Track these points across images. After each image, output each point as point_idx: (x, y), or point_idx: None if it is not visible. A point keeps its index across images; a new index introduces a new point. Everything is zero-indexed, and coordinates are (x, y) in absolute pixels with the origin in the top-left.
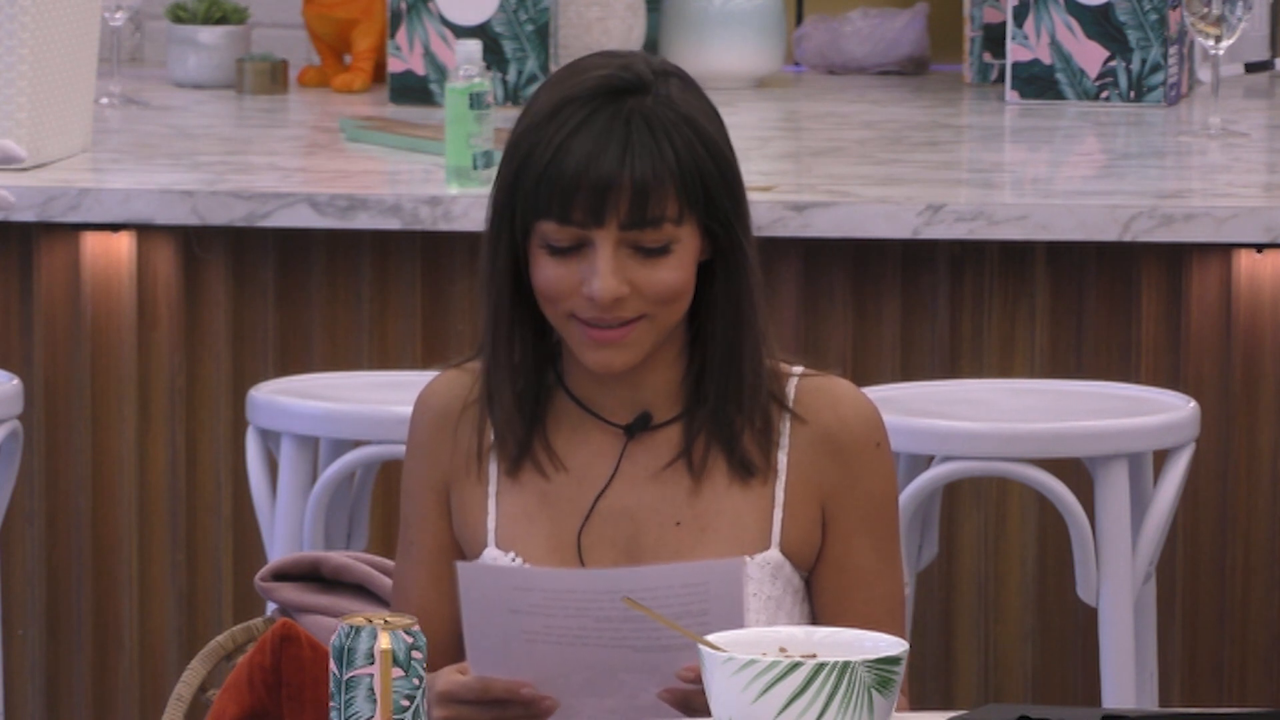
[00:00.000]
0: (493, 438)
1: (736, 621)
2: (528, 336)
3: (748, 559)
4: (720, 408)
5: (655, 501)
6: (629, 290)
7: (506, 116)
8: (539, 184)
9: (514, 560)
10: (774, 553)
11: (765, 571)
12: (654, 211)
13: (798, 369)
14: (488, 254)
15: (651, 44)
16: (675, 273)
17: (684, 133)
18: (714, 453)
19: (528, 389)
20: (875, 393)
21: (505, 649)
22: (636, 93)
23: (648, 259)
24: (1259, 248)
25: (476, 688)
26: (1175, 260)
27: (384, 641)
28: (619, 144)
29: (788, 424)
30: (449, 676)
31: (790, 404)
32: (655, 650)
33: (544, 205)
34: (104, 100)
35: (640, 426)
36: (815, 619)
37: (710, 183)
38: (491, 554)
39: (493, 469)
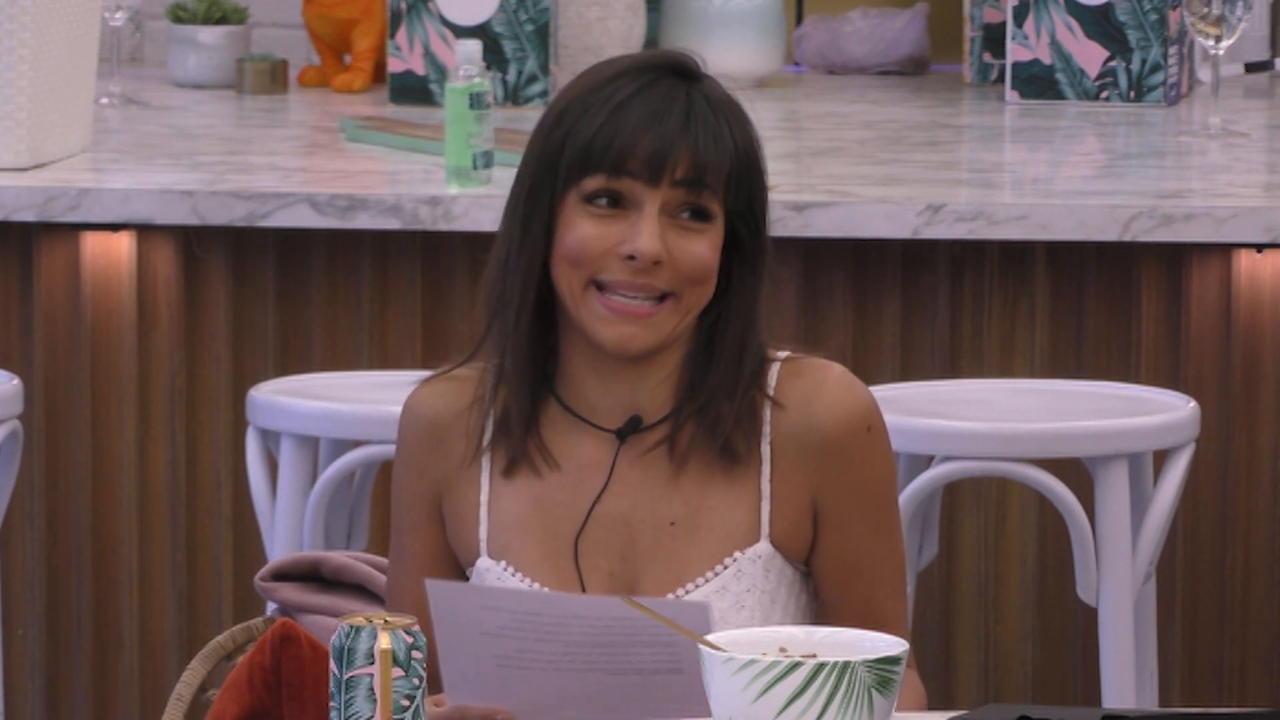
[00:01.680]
0: (485, 443)
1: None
2: (529, 335)
3: (738, 554)
4: (715, 400)
5: (649, 503)
6: (666, 256)
7: (506, 116)
8: (594, 139)
9: (506, 569)
10: (764, 545)
11: (757, 565)
12: (710, 178)
13: (782, 353)
14: (505, 228)
15: (651, 44)
16: (709, 251)
17: (739, 120)
18: (699, 442)
19: (525, 389)
20: (875, 393)
21: (478, 672)
22: (688, 76)
23: (686, 232)
24: (1259, 248)
25: (454, 718)
26: (1175, 260)
27: (384, 641)
28: (683, 109)
29: (769, 411)
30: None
31: (770, 390)
32: (628, 674)
33: (598, 159)
34: (104, 100)
35: (630, 430)
36: (818, 605)
37: (752, 177)
38: (484, 564)
39: (484, 477)
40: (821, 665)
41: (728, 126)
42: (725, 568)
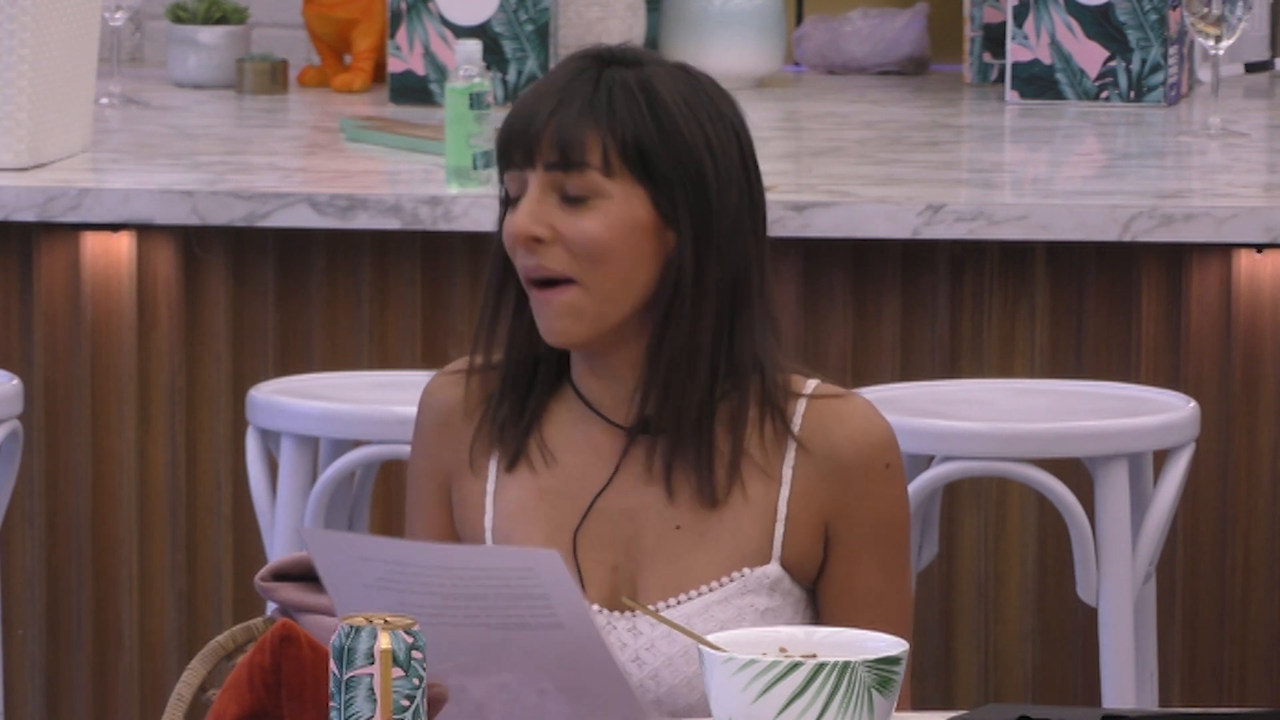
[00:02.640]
0: (494, 437)
1: (580, 607)
2: (519, 341)
3: (747, 570)
4: (674, 409)
5: (657, 504)
6: (549, 235)
7: None
8: (499, 137)
9: None
10: (774, 567)
11: (764, 585)
12: (575, 155)
13: (810, 385)
14: (495, 241)
15: (651, 44)
16: (597, 225)
17: (632, 94)
18: (685, 466)
19: (536, 386)
20: (875, 393)
21: None
22: (611, 64)
23: (572, 208)
24: (1259, 248)
25: None
26: (1175, 260)
27: (384, 641)
28: (557, 91)
29: (793, 445)
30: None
31: (796, 428)
32: (511, 628)
33: (498, 155)
34: (104, 100)
35: (642, 429)
36: None
37: (650, 149)
38: None
39: (492, 466)
40: (821, 665)
41: (608, 96)
42: (731, 580)
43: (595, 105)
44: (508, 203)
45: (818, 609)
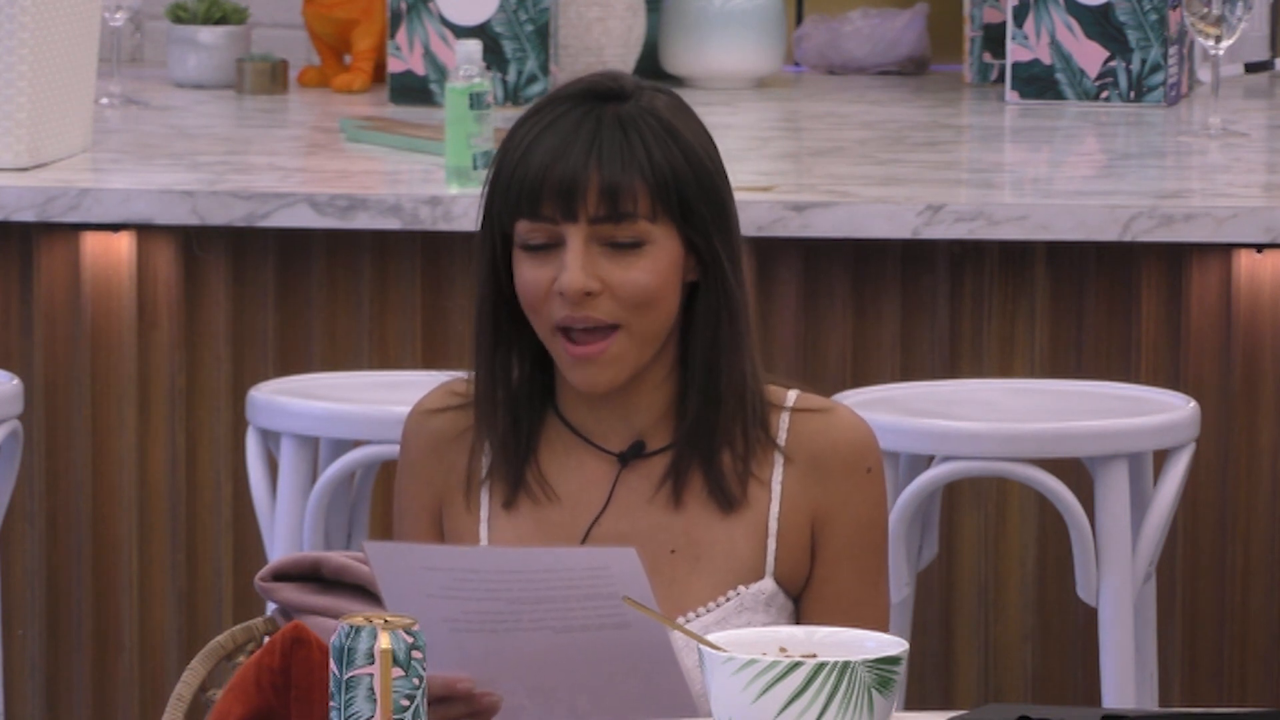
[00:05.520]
0: (485, 471)
1: (649, 603)
2: (525, 363)
3: (742, 588)
4: (699, 431)
5: (650, 529)
6: (600, 287)
7: (506, 116)
8: (510, 183)
9: None
10: (768, 582)
11: (759, 601)
12: (625, 206)
13: (791, 396)
14: (476, 270)
15: (651, 44)
16: (648, 274)
17: (659, 136)
18: (695, 479)
19: (522, 418)
20: (875, 393)
21: (433, 639)
22: (615, 99)
23: (620, 257)
24: (1259, 248)
25: None
26: (1175, 260)
27: (384, 641)
28: (587, 139)
29: (780, 459)
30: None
31: (781, 440)
32: (575, 631)
33: (514, 203)
34: (104, 100)
35: (633, 454)
36: None
37: (686, 189)
38: None
39: (484, 499)
40: (821, 665)
41: (640, 140)
42: (728, 599)
43: (634, 152)
44: (531, 250)
45: (798, 618)
